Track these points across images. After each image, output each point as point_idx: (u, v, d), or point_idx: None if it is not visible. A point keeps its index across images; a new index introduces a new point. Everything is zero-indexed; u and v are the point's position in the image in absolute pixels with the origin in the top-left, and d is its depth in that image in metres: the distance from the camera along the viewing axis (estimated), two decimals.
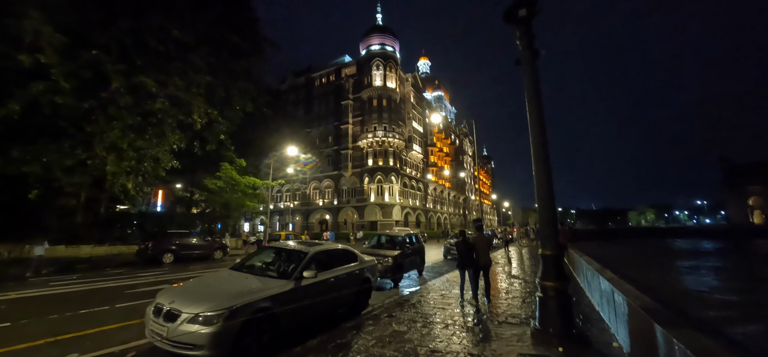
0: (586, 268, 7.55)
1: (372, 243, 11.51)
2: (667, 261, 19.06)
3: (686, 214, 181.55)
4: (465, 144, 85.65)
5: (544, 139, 4.71)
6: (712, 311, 7.49)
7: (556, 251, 4.46)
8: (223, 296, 4.33)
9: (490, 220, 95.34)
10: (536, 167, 4.68)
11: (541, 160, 4.65)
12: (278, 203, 55.09)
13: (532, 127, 4.78)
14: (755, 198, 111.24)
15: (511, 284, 8.99)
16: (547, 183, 4.61)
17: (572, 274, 10.42)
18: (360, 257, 7.05)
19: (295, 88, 57.92)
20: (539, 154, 4.67)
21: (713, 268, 15.79)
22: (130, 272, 13.11)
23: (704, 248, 41.37)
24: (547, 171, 4.64)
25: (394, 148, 47.27)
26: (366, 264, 7.10)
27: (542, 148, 4.67)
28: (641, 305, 3.33)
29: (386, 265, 9.50)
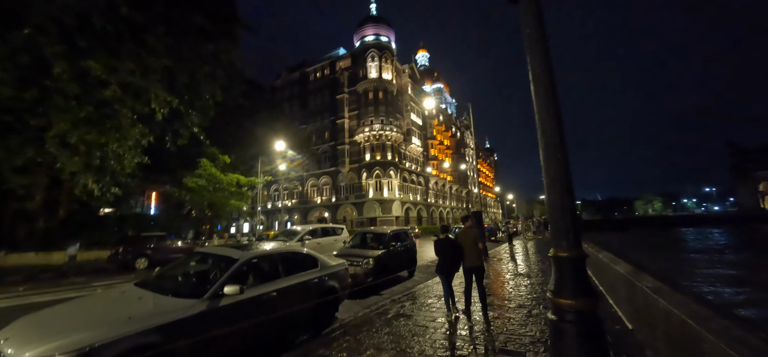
0: (604, 267, 6.09)
1: (354, 241, 10.07)
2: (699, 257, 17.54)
3: (694, 202, 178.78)
4: (466, 136, 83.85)
5: (554, 94, 3.24)
6: None
7: (576, 253, 2.99)
8: (84, 328, 2.92)
9: (494, 213, 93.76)
10: (545, 132, 3.20)
11: (550, 122, 3.17)
12: (275, 202, 53.87)
13: (535, 79, 3.30)
14: (766, 183, 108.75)
15: (517, 287, 7.52)
16: (559, 154, 3.13)
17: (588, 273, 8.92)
18: (322, 261, 5.61)
19: (289, 84, 56.50)
20: (548, 112, 3.19)
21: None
22: (89, 281, 11.79)
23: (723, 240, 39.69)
24: (560, 136, 3.16)
25: (392, 142, 45.75)
26: (330, 270, 5.67)
27: (551, 105, 3.19)
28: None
29: (366, 267, 8.08)
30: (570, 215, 3.08)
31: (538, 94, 3.31)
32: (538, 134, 3.33)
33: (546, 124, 3.25)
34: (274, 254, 4.84)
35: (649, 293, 3.30)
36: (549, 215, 3.23)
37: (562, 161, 3.16)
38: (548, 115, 3.22)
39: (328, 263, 5.75)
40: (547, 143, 3.22)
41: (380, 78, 46.14)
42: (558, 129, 3.22)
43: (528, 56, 3.36)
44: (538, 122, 3.32)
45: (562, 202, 3.11)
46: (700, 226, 69.51)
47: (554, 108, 3.24)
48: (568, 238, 3.02)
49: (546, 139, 3.24)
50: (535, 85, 3.35)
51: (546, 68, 3.33)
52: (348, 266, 8.12)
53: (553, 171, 3.18)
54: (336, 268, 5.83)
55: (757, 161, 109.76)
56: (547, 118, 3.24)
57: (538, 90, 3.31)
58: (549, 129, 3.22)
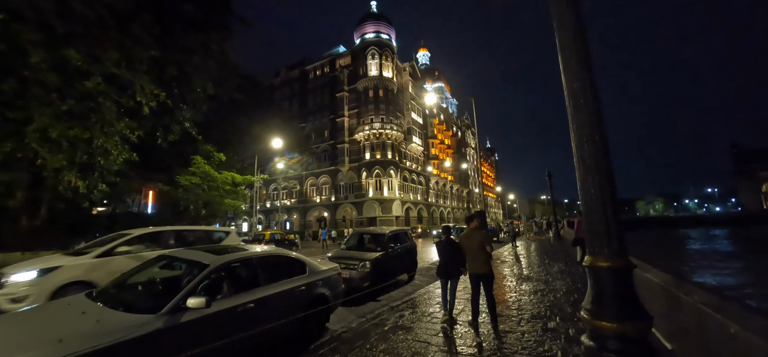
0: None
1: (350, 243, 9.45)
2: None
3: (696, 203, 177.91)
4: (467, 136, 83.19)
5: (587, 54, 2.62)
6: None
7: (622, 262, 2.37)
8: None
9: (495, 213, 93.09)
10: (578, 109, 2.58)
11: (585, 94, 2.56)
12: (275, 201, 53.24)
13: (561, 27, 2.68)
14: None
15: (527, 293, 6.89)
16: (597, 136, 2.51)
17: None
18: (310, 267, 4.99)
19: (288, 82, 55.91)
20: (582, 82, 2.57)
21: None
22: None
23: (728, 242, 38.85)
24: (597, 113, 2.54)
25: (392, 141, 45.12)
26: (320, 275, 5.05)
27: (585, 70, 2.57)
28: None
29: (363, 271, 7.45)
30: (612, 214, 2.45)
31: (566, 56, 2.68)
32: (569, 111, 2.70)
33: (579, 98, 2.62)
34: (254, 259, 4.21)
35: (710, 312, 2.66)
36: (584, 213, 2.59)
37: (601, 146, 2.53)
38: (582, 87, 2.60)
39: (318, 268, 5.13)
40: (580, 124, 2.59)
41: (380, 76, 45.51)
42: (595, 105, 2.60)
43: (554, 6, 2.74)
44: (569, 96, 2.69)
45: (602, 198, 2.48)
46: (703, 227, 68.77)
47: (588, 74, 2.61)
48: (610, 243, 2.39)
49: (580, 117, 2.61)
50: (563, 40, 2.73)
51: (575, 16, 2.70)
52: (342, 270, 7.52)
53: (588, 159, 2.55)
54: (327, 273, 5.21)
55: (760, 162, 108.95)
56: (581, 91, 2.61)
57: (567, 50, 2.69)
58: (584, 104, 2.60)
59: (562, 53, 2.73)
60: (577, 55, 2.63)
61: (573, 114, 2.63)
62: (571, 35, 2.65)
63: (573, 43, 2.66)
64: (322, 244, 27.04)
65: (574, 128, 2.61)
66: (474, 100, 15.64)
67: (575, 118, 2.61)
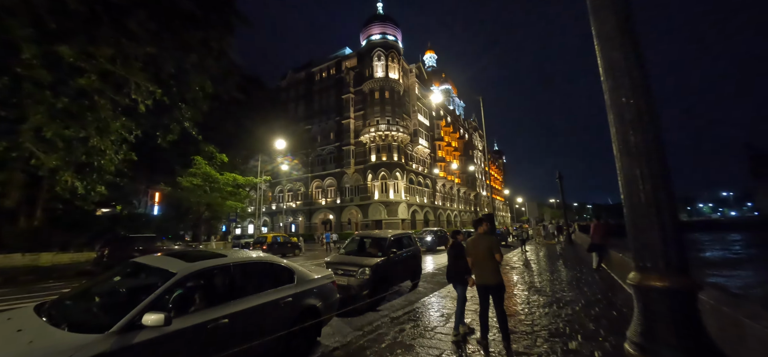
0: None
1: (349, 247, 8.92)
2: None
3: (710, 207, 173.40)
4: (475, 138, 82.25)
5: (627, 12, 2.08)
6: None
7: (682, 282, 1.81)
8: None
9: (502, 216, 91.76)
10: (617, 82, 2.04)
11: (628, 65, 2.02)
12: (280, 203, 53.09)
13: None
14: None
15: (541, 305, 6.28)
16: (647, 117, 1.96)
17: (625, 289, 7.64)
18: (300, 275, 4.48)
19: (295, 84, 55.86)
20: (624, 50, 2.03)
21: None
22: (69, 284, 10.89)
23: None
24: (645, 85, 2.00)
25: (398, 143, 44.59)
26: (310, 284, 4.54)
27: (628, 35, 2.03)
28: None
29: (362, 278, 6.93)
30: (670, 217, 1.89)
31: (601, 18, 2.14)
32: (607, 88, 2.15)
33: (620, 70, 2.07)
34: (233, 266, 3.72)
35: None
36: (630, 217, 2.01)
37: (653, 129, 1.98)
38: (624, 55, 2.05)
39: (308, 276, 4.62)
40: (622, 103, 2.05)
41: (386, 77, 45.09)
42: (641, 77, 2.05)
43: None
44: (606, 70, 2.15)
45: (656, 197, 1.92)
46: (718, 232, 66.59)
47: (631, 38, 2.06)
48: (667, 255, 1.83)
49: (620, 94, 2.06)
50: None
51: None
52: (339, 277, 7.01)
53: (635, 146, 1.99)
54: (318, 282, 4.70)
55: None
56: (623, 60, 2.06)
57: (601, 11, 2.14)
58: (627, 76, 2.04)
59: (595, 15, 2.19)
60: (616, 15, 2.08)
61: (611, 91, 2.07)
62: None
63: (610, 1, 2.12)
64: (326, 248, 26.60)
65: (614, 109, 2.06)
66: (481, 99, 15.07)
67: (614, 96, 2.05)
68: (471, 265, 4.38)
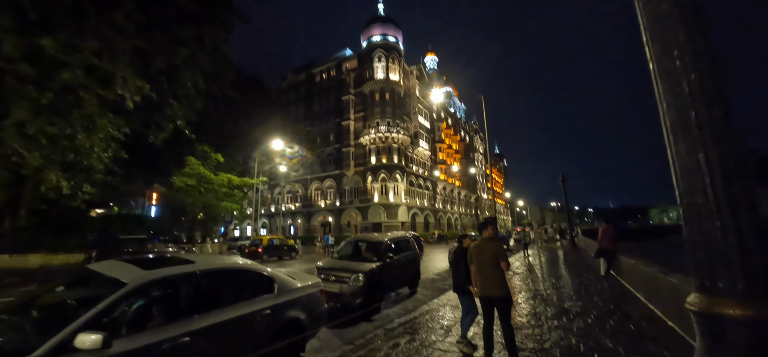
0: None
1: (344, 251, 8.44)
2: None
3: None
4: (476, 141, 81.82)
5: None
6: None
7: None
8: None
9: (503, 220, 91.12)
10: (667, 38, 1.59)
11: (683, 17, 1.56)
12: (279, 205, 52.62)
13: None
14: None
15: (550, 317, 5.78)
16: (708, 83, 1.51)
17: (639, 298, 7.14)
18: (281, 284, 4.00)
19: (295, 86, 55.60)
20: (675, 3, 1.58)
21: None
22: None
23: None
24: (701, 35, 1.54)
25: (398, 145, 44.15)
26: (293, 295, 4.06)
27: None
28: None
29: (355, 286, 6.44)
30: (749, 223, 1.40)
31: None
32: (653, 55, 1.68)
33: (673, 29, 1.60)
34: (200, 274, 3.24)
35: None
36: (688, 216, 1.51)
37: (721, 106, 1.51)
38: (677, 4, 1.59)
39: (291, 285, 4.13)
40: (677, 72, 1.58)
41: (387, 79, 44.74)
42: (701, 39, 1.57)
43: None
44: (651, 30, 1.68)
45: (728, 193, 1.43)
46: None
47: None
48: (745, 273, 1.37)
49: (673, 61, 1.60)
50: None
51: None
52: (332, 283, 6.53)
53: (699, 127, 1.52)
54: (302, 291, 4.21)
55: None
56: (677, 15, 1.60)
57: None
58: (683, 37, 1.58)
59: None
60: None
61: (660, 56, 1.60)
62: None
63: None
64: (325, 251, 26.09)
65: (664, 77, 1.58)
66: (483, 98, 14.61)
67: (664, 61, 1.58)
68: (474, 274, 3.90)
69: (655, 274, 5.29)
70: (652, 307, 5.62)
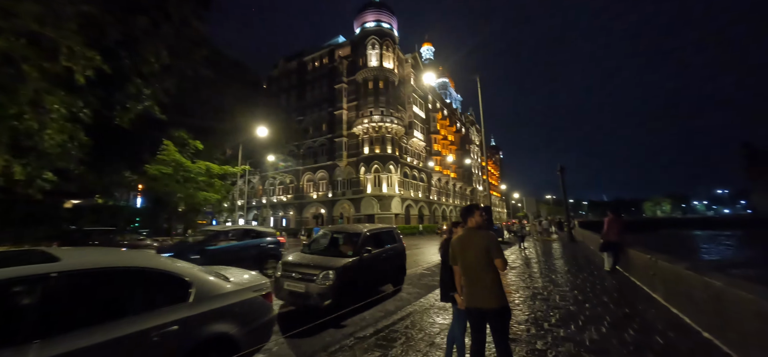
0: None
1: (318, 245, 7.41)
2: None
3: (704, 205, 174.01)
4: (471, 133, 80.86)
5: None
6: None
7: None
8: None
9: (499, 212, 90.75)
10: None
11: None
12: (271, 197, 51.44)
13: None
14: None
15: (552, 325, 4.85)
16: None
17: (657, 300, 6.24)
18: (201, 288, 2.97)
19: (287, 74, 53.97)
20: None
21: None
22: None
23: None
24: None
25: (392, 135, 43.02)
26: (219, 302, 3.03)
27: None
28: None
29: (324, 285, 5.43)
30: None
31: None
32: None
33: None
34: (60, 277, 2.21)
35: None
36: None
37: None
38: None
39: (218, 289, 3.11)
40: None
41: (381, 66, 43.40)
42: None
43: None
44: None
45: None
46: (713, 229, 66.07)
47: None
48: None
49: None
50: None
51: None
52: (296, 281, 5.53)
53: None
54: (235, 297, 3.19)
55: None
56: None
57: None
58: None
59: None
60: None
61: None
62: None
63: None
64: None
65: None
66: (478, 79, 13.58)
67: None
68: (458, 277, 2.91)
69: (683, 273, 4.35)
70: (676, 311, 4.70)
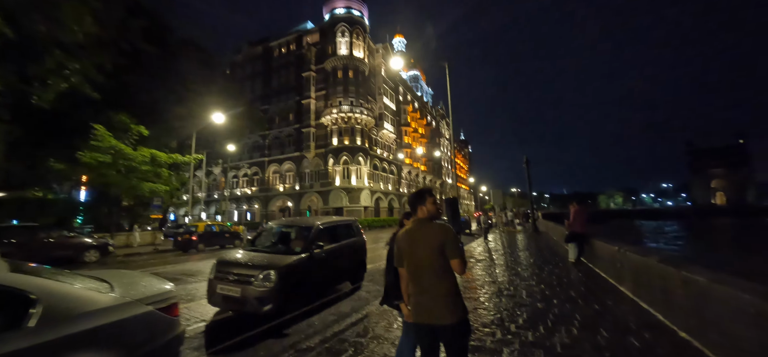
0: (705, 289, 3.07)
1: (264, 240, 6.55)
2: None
3: (652, 197, 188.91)
4: (442, 126, 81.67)
5: None
6: None
7: None
8: None
9: (467, 205, 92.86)
10: None
11: None
12: (234, 190, 48.84)
13: None
14: (717, 180, 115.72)
15: (519, 326, 4.41)
16: None
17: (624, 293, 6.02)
18: (56, 306, 2.10)
19: (250, 60, 51.13)
20: None
21: None
22: None
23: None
24: None
25: (362, 126, 42.12)
26: (82, 324, 2.18)
27: None
28: None
29: (263, 288, 4.63)
30: None
31: None
32: None
33: None
34: None
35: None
36: None
37: None
38: None
39: (85, 304, 2.25)
40: None
41: (351, 55, 42.19)
42: None
43: None
44: None
45: None
46: (660, 220, 71.82)
47: None
48: None
49: None
50: None
51: None
52: (231, 285, 4.70)
53: None
54: (113, 314, 2.35)
55: (711, 160, 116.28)
56: None
57: None
58: None
59: None
60: None
61: None
62: None
63: None
64: None
65: None
66: (447, 65, 13.10)
67: None
68: (404, 282, 2.26)
69: (656, 266, 4.02)
70: (647, 307, 4.41)
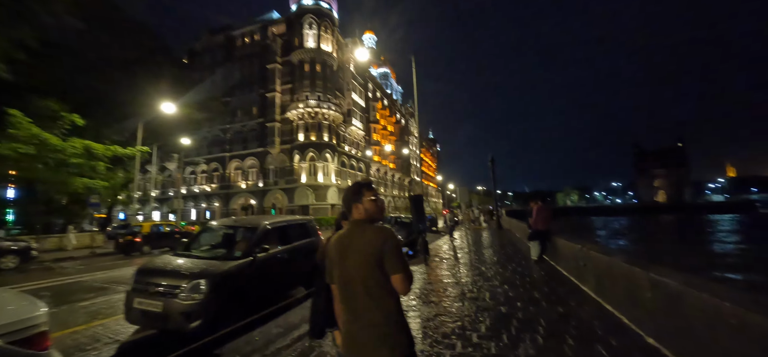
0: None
1: (201, 243, 5.75)
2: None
3: (603, 195, 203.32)
4: (411, 124, 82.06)
5: None
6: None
7: None
8: None
9: (435, 203, 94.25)
10: None
11: None
12: (192, 187, 45.81)
13: None
14: (659, 180, 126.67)
15: (483, 335, 4.06)
16: None
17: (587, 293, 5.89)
18: None
19: (210, 49, 48.06)
20: None
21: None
22: None
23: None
24: None
25: (329, 122, 41.07)
26: None
27: None
28: None
29: (191, 300, 3.92)
30: None
31: None
32: None
33: None
34: None
35: None
36: None
37: None
38: None
39: None
40: None
41: (318, 48, 40.94)
42: None
43: None
44: None
45: None
46: (609, 216, 77.44)
47: None
48: None
49: None
50: None
51: None
52: (151, 299, 3.94)
53: None
54: None
55: (655, 161, 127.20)
56: None
57: None
58: None
59: None
60: None
61: None
62: None
63: None
64: None
65: None
66: (413, 58, 12.77)
67: None
68: (336, 303, 1.75)
69: (623, 268, 3.83)
70: (610, 308, 4.24)
